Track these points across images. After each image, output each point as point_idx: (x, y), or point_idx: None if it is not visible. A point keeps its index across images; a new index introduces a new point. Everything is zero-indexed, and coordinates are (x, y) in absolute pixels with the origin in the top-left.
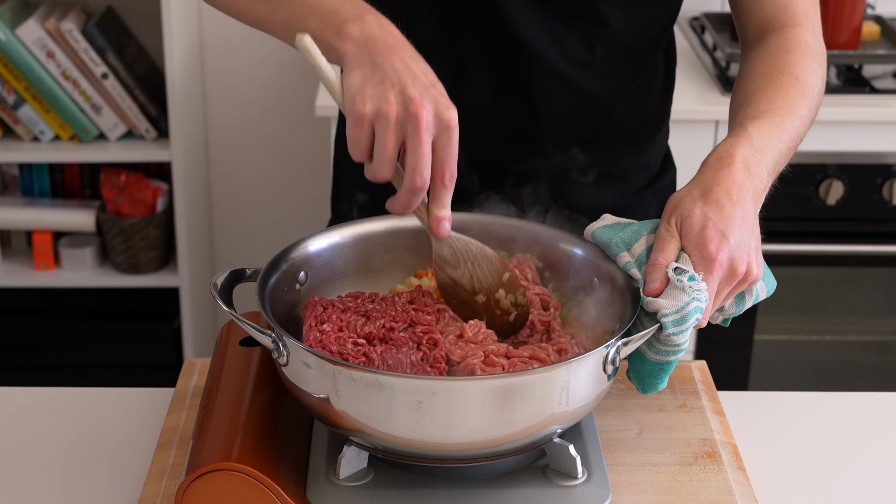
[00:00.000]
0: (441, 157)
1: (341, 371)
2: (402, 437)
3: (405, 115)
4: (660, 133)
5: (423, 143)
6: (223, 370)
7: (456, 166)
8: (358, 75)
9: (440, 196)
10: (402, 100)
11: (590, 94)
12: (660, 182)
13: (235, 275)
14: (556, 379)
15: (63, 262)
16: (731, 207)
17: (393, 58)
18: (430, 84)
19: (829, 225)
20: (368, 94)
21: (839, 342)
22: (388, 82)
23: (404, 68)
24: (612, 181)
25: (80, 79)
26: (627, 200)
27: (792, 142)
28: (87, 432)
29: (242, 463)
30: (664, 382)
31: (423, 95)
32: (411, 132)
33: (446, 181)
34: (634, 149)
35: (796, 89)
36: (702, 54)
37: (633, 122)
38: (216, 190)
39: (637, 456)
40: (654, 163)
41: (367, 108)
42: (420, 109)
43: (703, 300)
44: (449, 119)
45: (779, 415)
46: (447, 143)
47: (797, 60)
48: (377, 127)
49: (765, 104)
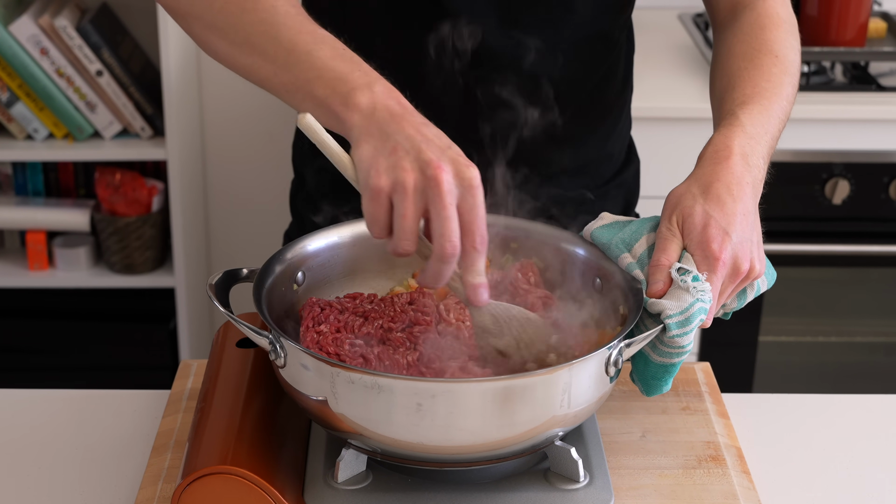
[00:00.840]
0: (468, 219)
1: (339, 373)
2: (401, 440)
3: (424, 180)
4: (621, 121)
5: (448, 206)
6: (219, 372)
7: (486, 228)
8: (369, 148)
9: (474, 262)
10: (419, 165)
11: (555, 85)
12: (624, 174)
13: (232, 275)
14: (557, 381)
15: (57, 263)
16: (732, 203)
17: (403, 125)
18: (445, 146)
19: (835, 225)
20: (383, 165)
21: (845, 343)
22: (401, 150)
23: (416, 134)
24: (577, 174)
25: (75, 76)
26: (593, 192)
27: (781, 123)
28: (81, 435)
29: (239, 466)
30: (668, 385)
31: (441, 158)
32: (433, 197)
33: (477, 245)
34: (598, 139)
35: (777, 67)
36: (706, 51)
37: (596, 111)
38: (213, 189)
39: (640, 459)
40: (617, 153)
41: (384, 181)
42: (439, 172)
43: (707, 300)
44: (471, 178)
45: (784, 417)
46: (473, 204)
47: (774, 36)
48: (395, 198)
49: (750, 87)
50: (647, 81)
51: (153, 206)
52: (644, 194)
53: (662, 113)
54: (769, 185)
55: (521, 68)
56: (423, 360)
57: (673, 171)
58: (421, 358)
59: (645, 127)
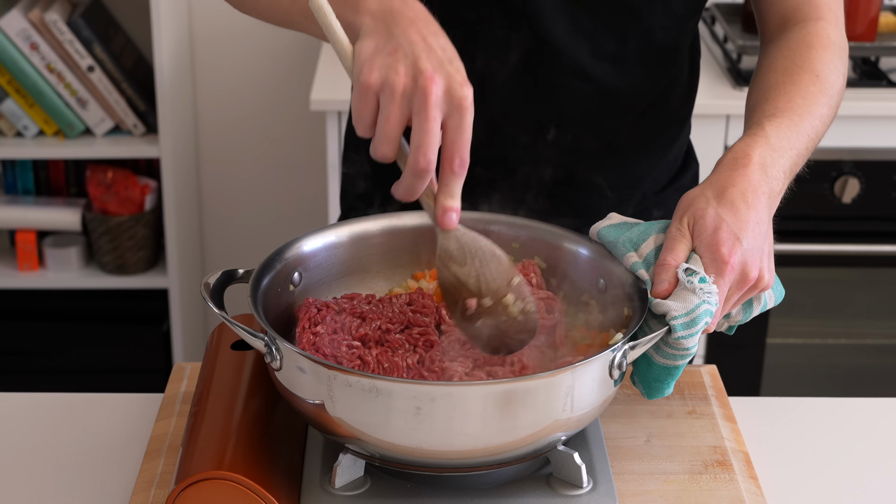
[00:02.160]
0: (451, 139)
1: (337, 376)
2: (399, 445)
3: (413, 87)
4: (684, 129)
5: (431, 120)
6: (214, 375)
7: (468, 151)
8: (370, 44)
9: (448, 183)
10: (413, 72)
11: (618, 93)
12: (682, 179)
13: (227, 276)
14: (560, 384)
15: (47, 263)
16: (746, 210)
17: (410, 30)
18: (446, 59)
19: (844, 224)
20: (378, 63)
21: (855, 346)
22: (400, 52)
23: (421, 41)
24: (636, 183)
25: (66, 72)
26: (651, 200)
27: (810, 142)
28: (72, 440)
29: (234, 471)
30: (671, 387)
31: (436, 69)
32: (418, 107)
33: (455, 167)
34: (660, 148)
35: (816, 87)
36: (712, 46)
37: (659, 120)
38: (207, 187)
39: (645, 464)
40: (675, 159)
41: (374, 78)
42: (429, 83)
43: (713, 303)
44: (462, 97)
45: (792, 421)
46: (458, 123)
47: (818, 56)
48: (382, 99)
49: (783, 102)
50: None
51: (146, 204)
52: None
53: None
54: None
55: (585, 73)
56: (424, 362)
57: None
58: (422, 360)
59: None
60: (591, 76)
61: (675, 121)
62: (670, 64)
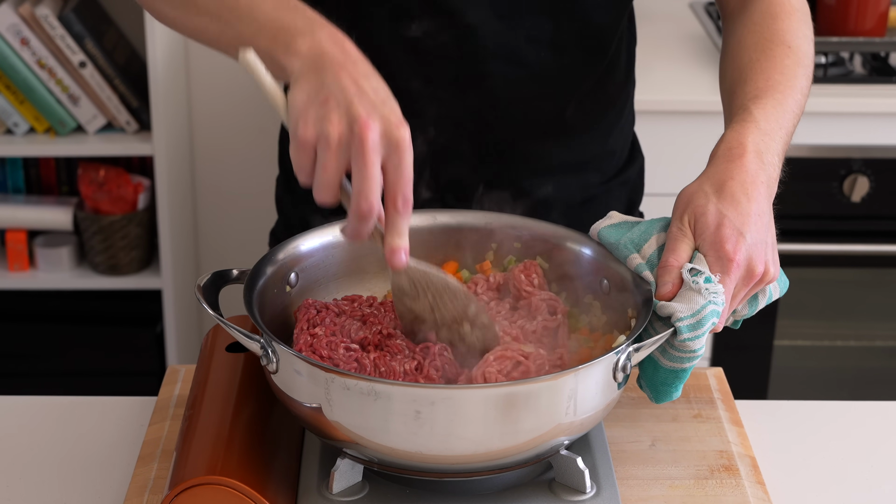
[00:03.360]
0: (392, 179)
1: (334, 379)
2: (399, 450)
3: (349, 135)
4: (624, 116)
5: (369, 165)
6: (209, 378)
7: (411, 190)
8: (302, 95)
9: (394, 223)
10: (347, 119)
11: (553, 78)
12: (628, 171)
13: (221, 276)
14: (563, 387)
15: (38, 263)
16: (747, 203)
17: (341, 74)
18: (379, 101)
19: (853, 223)
20: (311, 116)
21: (865, 348)
22: (332, 101)
23: (352, 85)
24: (579, 171)
25: (57, 67)
26: (595, 191)
27: (795, 118)
28: (63, 444)
29: (229, 476)
30: (678, 391)
31: (370, 114)
32: (356, 153)
33: (399, 206)
34: (599, 133)
35: (791, 59)
36: (718, 41)
37: (598, 105)
38: (201, 186)
39: (649, 469)
40: (620, 150)
41: (309, 133)
42: (365, 129)
43: (719, 303)
44: (399, 139)
45: (800, 425)
46: (398, 164)
47: (786, 26)
48: (319, 150)
49: (763, 81)
50: (656, 73)
51: (139, 203)
52: (650, 192)
53: (672, 106)
54: (783, 184)
55: (519, 59)
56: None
57: (682, 167)
58: (420, 367)
59: (653, 121)
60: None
61: (612, 106)
62: (605, 47)
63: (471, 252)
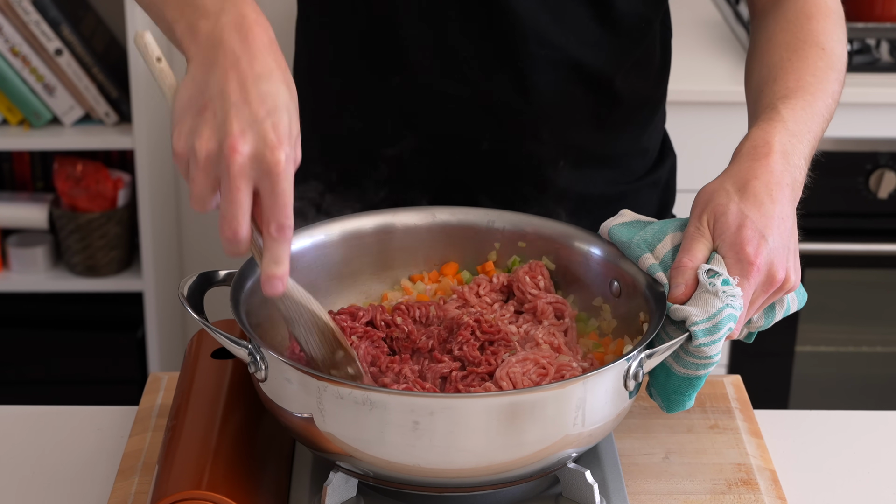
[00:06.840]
0: (265, 205)
1: (327, 387)
2: (395, 463)
3: (218, 154)
4: (657, 114)
5: (234, 190)
6: (193, 386)
7: (287, 215)
8: (184, 96)
9: (270, 249)
10: (219, 136)
11: (585, 65)
12: (658, 171)
13: (207, 278)
14: (570, 396)
15: (11, 264)
16: (771, 205)
17: (229, 75)
18: (263, 114)
19: (880, 221)
20: (186, 126)
21: (892, 354)
22: (209, 111)
23: (236, 91)
24: (607, 165)
25: (31, 55)
26: (623, 188)
27: (824, 122)
28: (38, 456)
29: (214, 491)
30: (692, 400)
31: (245, 130)
32: (222, 175)
33: (272, 232)
34: (632, 130)
35: (823, 61)
36: (736, 28)
37: (631, 99)
38: (185, 182)
39: (663, 483)
40: (651, 149)
41: (181, 145)
42: (232, 151)
43: (737, 307)
44: (272, 163)
45: (825, 437)
46: (270, 189)
47: (820, 27)
48: (189, 163)
49: (793, 81)
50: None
51: (119, 200)
52: None
53: (689, 97)
54: (807, 189)
55: (552, 44)
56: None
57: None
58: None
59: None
60: (555, 46)
61: (648, 103)
62: (640, 38)
63: (471, 252)
